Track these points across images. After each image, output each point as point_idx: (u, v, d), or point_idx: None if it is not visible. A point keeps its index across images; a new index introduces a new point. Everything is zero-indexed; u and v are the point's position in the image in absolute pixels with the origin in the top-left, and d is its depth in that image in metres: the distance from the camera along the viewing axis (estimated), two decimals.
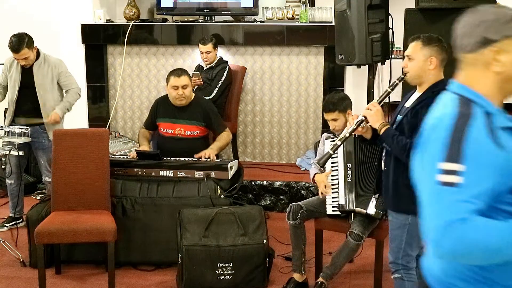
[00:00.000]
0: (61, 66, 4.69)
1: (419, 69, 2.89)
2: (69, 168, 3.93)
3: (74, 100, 4.76)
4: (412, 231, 2.91)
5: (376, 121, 2.94)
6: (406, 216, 2.91)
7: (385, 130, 2.90)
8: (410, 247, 2.96)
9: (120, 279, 3.86)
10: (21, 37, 4.44)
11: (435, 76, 2.90)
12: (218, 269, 3.69)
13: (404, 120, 2.90)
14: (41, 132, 4.64)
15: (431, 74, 2.89)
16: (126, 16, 5.93)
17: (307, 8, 5.56)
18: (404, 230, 2.93)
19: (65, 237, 3.64)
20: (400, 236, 2.95)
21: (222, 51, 5.64)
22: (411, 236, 2.93)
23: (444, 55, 2.91)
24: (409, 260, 2.98)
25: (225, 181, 4.16)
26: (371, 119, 2.96)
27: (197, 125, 4.45)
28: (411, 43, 2.94)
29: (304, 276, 3.70)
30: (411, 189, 2.85)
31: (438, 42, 2.91)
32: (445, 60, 2.92)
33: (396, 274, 3.01)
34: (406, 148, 2.77)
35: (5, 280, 3.91)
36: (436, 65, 2.88)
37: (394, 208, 2.99)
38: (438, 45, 2.89)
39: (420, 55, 2.88)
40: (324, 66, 5.62)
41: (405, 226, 2.92)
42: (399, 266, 2.99)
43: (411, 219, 2.90)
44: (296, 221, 3.60)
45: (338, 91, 4.74)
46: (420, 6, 4.47)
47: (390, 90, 3.01)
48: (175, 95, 4.36)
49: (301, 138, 5.81)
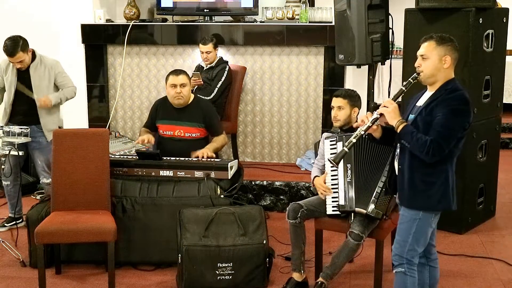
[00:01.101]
0: (57, 67, 4.69)
1: (434, 68, 2.93)
2: (69, 168, 3.93)
3: (70, 96, 4.75)
4: (422, 226, 2.97)
5: (394, 118, 2.97)
6: (418, 211, 2.96)
7: (403, 127, 2.93)
8: (417, 243, 2.99)
9: (120, 279, 3.86)
10: (16, 40, 4.41)
11: (448, 75, 2.95)
12: (218, 269, 3.69)
13: (418, 118, 2.94)
14: (37, 132, 4.62)
15: (445, 73, 2.94)
16: (126, 16, 5.93)
17: (307, 8, 5.56)
18: (413, 224, 2.98)
19: (65, 237, 3.64)
20: (409, 230, 2.99)
21: (222, 51, 5.64)
22: (420, 231, 2.98)
23: (457, 54, 2.96)
24: (413, 255, 3.01)
25: (225, 181, 4.16)
26: (388, 116, 2.98)
27: (197, 126, 4.45)
28: (424, 43, 2.98)
29: (304, 275, 3.70)
30: (427, 185, 2.92)
31: (451, 41, 2.96)
32: (457, 59, 2.97)
33: (399, 268, 3.03)
34: (426, 145, 2.83)
35: (5, 280, 3.91)
36: (450, 64, 2.93)
37: (410, 204, 3.02)
38: (451, 44, 2.95)
39: (435, 54, 2.92)
40: (324, 66, 5.62)
41: (415, 220, 2.97)
42: (403, 260, 3.01)
43: (422, 214, 2.96)
44: (296, 220, 3.60)
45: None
46: (420, 6, 4.47)
47: (405, 89, 3.03)
48: (173, 93, 4.36)
49: (301, 138, 5.81)
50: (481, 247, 4.38)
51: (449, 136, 2.85)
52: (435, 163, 2.90)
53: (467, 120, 2.89)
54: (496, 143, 4.90)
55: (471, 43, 4.38)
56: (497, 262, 4.14)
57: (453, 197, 2.99)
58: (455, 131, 2.86)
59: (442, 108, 2.86)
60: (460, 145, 2.95)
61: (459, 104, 2.87)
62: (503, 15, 4.67)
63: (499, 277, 3.92)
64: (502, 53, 4.75)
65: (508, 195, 5.55)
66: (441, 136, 2.83)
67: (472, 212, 4.68)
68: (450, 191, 2.96)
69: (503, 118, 5.03)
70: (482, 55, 4.50)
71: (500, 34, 4.65)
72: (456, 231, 4.61)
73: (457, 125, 2.86)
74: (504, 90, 4.99)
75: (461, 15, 4.37)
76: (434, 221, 3.02)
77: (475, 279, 3.89)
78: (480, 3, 4.36)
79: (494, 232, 4.69)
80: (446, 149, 2.86)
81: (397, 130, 2.95)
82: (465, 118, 2.88)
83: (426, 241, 3.04)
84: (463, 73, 4.43)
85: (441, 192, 2.94)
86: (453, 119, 2.85)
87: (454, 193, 3.00)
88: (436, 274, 3.22)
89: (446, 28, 4.46)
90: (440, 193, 2.94)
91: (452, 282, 3.85)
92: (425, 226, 2.99)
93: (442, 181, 2.94)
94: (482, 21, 4.41)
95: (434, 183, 2.94)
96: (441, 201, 2.95)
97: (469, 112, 2.90)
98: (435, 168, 2.92)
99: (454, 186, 3.00)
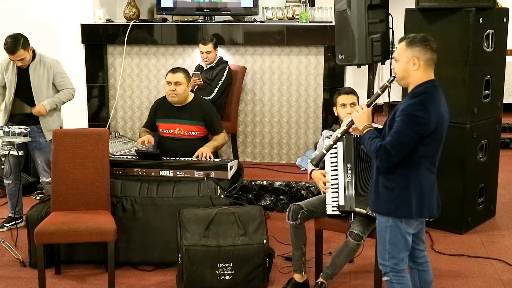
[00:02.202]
0: (57, 66, 4.68)
1: (403, 71, 2.86)
2: (69, 168, 3.93)
3: (66, 99, 4.73)
4: (395, 233, 2.89)
5: (360, 123, 2.95)
6: (387, 218, 2.90)
7: (366, 132, 2.91)
8: (396, 250, 2.91)
9: (120, 279, 3.86)
10: (16, 38, 4.41)
11: (421, 77, 2.84)
12: (218, 269, 3.69)
13: (387, 123, 2.90)
14: (37, 132, 4.63)
15: (416, 75, 2.84)
16: (126, 16, 5.93)
17: (307, 8, 5.56)
18: (386, 232, 2.91)
19: (65, 237, 3.64)
20: (384, 238, 2.92)
21: (222, 51, 5.64)
22: (394, 238, 2.89)
23: (429, 55, 2.82)
24: (396, 262, 2.92)
25: (225, 181, 4.16)
26: (356, 121, 2.98)
27: (197, 125, 4.45)
28: (398, 44, 2.93)
29: (305, 276, 3.70)
30: (388, 190, 2.86)
31: (421, 42, 2.82)
32: (431, 61, 2.84)
33: (386, 277, 2.97)
34: (375, 150, 2.79)
35: (5, 280, 3.91)
36: (419, 66, 2.82)
37: (373, 208, 3.01)
38: (421, 46, 2.81)
39: (404, 56, 2.85)
40: (324, 66, 5.62)
41: (387, 228, 2.90)
42: (387, 268, 2.94)
43: (392, 221, 2.88)
44: (296, 221, 3.60)
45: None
46: (420, 6, 4.47)
47: (381, 92, 2.99)
48: (167, 90, 4.40)
49: (301, 138, 5.81)
50: (481, 247, 4.38)
51: (399, 142, 2.75)
52: (396, 169, 2.82)
53: (423, 127, 2.74)
54: (496, 143, 4.90)
55: (471, 43, 4.38)
56: (497, 262, 4.14)
57: (420, 206, 2.84)
58: (407, 137, 2.74)
59: (400, 112, 2.79)
60: (429, 152, 2.82)
61: (415, 110, 2.74)
62: (503, 15, 4.67)
63: (499, 277, 3.92)
64: (502, 53, 4.75)
65: (508, 195, 5.55)
66: (391, 143, 2.75)
67: (472, 212, 4.68)
68: (412, 198, 2.83)
69: (503, 118, 5.03)
70: (482, 55, 4.49)
71: (500, 34, 4.65)
72: (456, 231, 4.61)
73: (410, 132, 2.74)
74: (504, 90, 4.99)
75: (461, 15, 4.37)
76: (408, 228, 2.90)
77: (475, 279, 3.89)
78: (480, 3, 4.36)
79: (494, 232, 4.69)
80: (396, 155, 2.76)
81: (361, 134, 2.93)
82: (421, 126, 2.74)
83: (406, 247, 2.93)
84: (463, 73, 4.44)
85: (401, 199, 2.84)
86: (406, 126, 2.74)
87: (424, 202, 2.85)
88: (427, 277, 3.12)
89: (446, 28, 4.46)
90: (399, 199, 2.84)
91: (452, 282, 3.85)
92: (398, 233, 2.89)
93: (402, 187, 2.83)
94: (482, 21, 4.41)
95: (393, 189, 2.85)
96: (400, 208, 2.84)
97: (426, 118, 2.74)
98: (394, 174, 2.84)
99: (423, 194, 2.85)
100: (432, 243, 4.41)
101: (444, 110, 2.87)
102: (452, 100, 4.50)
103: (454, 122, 4.52)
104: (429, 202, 2.89)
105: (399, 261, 2.92)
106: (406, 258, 2.97)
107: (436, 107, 2.80)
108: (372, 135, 2.87)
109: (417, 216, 2.88)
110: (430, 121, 2.75)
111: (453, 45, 4.44)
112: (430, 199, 2.89)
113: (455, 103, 4.51)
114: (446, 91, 4.49)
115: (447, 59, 4.47)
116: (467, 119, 4.49)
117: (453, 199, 4.57)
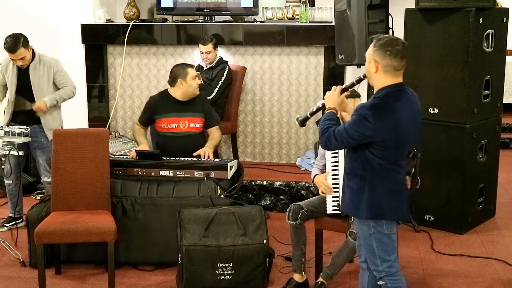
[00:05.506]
0: (56, 65, 4.68)
1: (366, 71, 2.85)
2: (69, 168, 3.93)
3: (67, 96, 4.73)
4: (380, 237, 2.85)
5: (327, 103, 2.99)
6: (368, 226, 2.85)
7: (326, 112, 2.94)
8: (386, 253, 2.87)
9: (120, 279, 3.86)
10: (17, 37, 4.42)
11: (382, 81, 2.77)
12: (218, 269, 3.69)
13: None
14: (39, 131, 4.63)
15: (376, 78, 2.79)
16: (126, 16, 5.93)
17: (307, 8, 5.56)
18: (371, 239, 2.86)
19: (65, 237, 3.64)
20: (371, 246, 2.87)
21: (222, 51, 5.64)
22: (381, 243, 2.85)
23: (388, 61, 2.72)
24: (390, 265, 2.88)
25: (225, 181, 4.16)
26: (326, 101, 3.02)
27: (200, 116, 4.50)
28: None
29: (305, 276, 3.70)
30: (348, 188, 2.86)
31: (382, 46, 2.73)
32: (390, 67, 2.73)
33: (381, 282, 2.93)
34: (323, 129, 2.84)
35: (5, 280, 3.91)
36: (377, 69, 2.75)
37: (344, 209, 3.02)
38: (380, 50, 2.73)
39: (367, 57, 2.83)
40: (324, 66, 5.62)
41: (371, 236, 2.86)
42: (382, 274, 2.89)
43: (373, 227, 2.84)
44: (296, 222, 3.60)
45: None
46: (420, 6, 4.47)
47: (356, 83, 3.00)
48: (195, 85, 4.46)
49: (301, 138, 5.81)
50: (481, 247, 4.38)
51: (342, 135, 2.76)
52: (353, 168, 2.84)
53: (369, 132, 2.70)
54: (496, 143, 4.90)
55: (471, 43, 4.38)
56: (497, 262, 4.14)
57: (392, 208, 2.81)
58: (352, 135, 2.73)
59: (356, 111, 2.77)
60: (389, 155, 2.76)
61: (366, 114, 2.70)
62: (503, 15, 4.67)
63: (499, 277, 3.92)
64: (502, 53, 4.75)
65: (508, 195, 5.55)
66: (338, 132, 2.77)
67: (472, 212, 4.68)
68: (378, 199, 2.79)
69: (503, 118, 5.03)
70: (482, 55, 4.49)
71: (500, 34, 4.65)
72: (456, 231, 4.61)
73: (356, 132, 2.72)
74: (504, 90, 4.99)
75: (461, 15, 4.37)
76: (391, 227, 2.85)
77: (475, 279, 3.89)
78: (480, 3, 4.36)
79: (494, 232, 4.69)
80: (335, 145, 2.81)
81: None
82: (366, 129, 2.70)
83: (393, 247, 2.90)
84: (463, 73, 4.43)
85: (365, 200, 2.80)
86: (355, 125, 2.72)
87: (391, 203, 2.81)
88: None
89: (446, 28, 4.46)
90: (362, 200, 2.81)
91: (452, 282, 3.85)
92: (383, 237, 2.84)
93: (358, 188, 2.82)
94: (482, 21, 4.41)
95: (352, 188, 2.85)
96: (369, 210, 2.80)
97: (374, 125, 2.69)
98: (355, 174, 2.85)
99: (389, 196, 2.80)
100: (432, 243, 4.41)
101: (407, 116, 2.77)
102: (452, 100, 4.55)
103: (454, 122, 4.53)
104: (398, 204, 2.83)
105: (392, 263, 2.89)
106: (397, 258, 2.94)
107: (391, 115, 2.73)
108: (330, 117, 2.90)
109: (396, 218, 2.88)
110: (377, 128, 2.70)
111: (453, 45, 4.44)
112: (399, 201, 2.84)
113: (455, 103, 4.52)
114: (446, 91, 4.56)
115: (447, 59, 4.47)
116: (467, 119, 4.49)
117: (453, 199, 4.57)
